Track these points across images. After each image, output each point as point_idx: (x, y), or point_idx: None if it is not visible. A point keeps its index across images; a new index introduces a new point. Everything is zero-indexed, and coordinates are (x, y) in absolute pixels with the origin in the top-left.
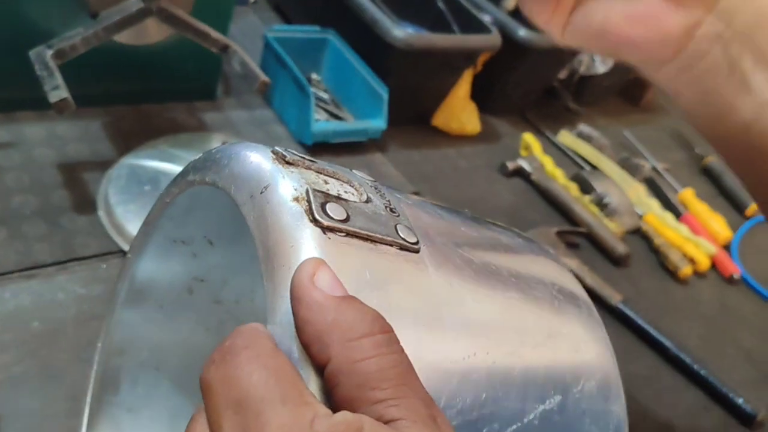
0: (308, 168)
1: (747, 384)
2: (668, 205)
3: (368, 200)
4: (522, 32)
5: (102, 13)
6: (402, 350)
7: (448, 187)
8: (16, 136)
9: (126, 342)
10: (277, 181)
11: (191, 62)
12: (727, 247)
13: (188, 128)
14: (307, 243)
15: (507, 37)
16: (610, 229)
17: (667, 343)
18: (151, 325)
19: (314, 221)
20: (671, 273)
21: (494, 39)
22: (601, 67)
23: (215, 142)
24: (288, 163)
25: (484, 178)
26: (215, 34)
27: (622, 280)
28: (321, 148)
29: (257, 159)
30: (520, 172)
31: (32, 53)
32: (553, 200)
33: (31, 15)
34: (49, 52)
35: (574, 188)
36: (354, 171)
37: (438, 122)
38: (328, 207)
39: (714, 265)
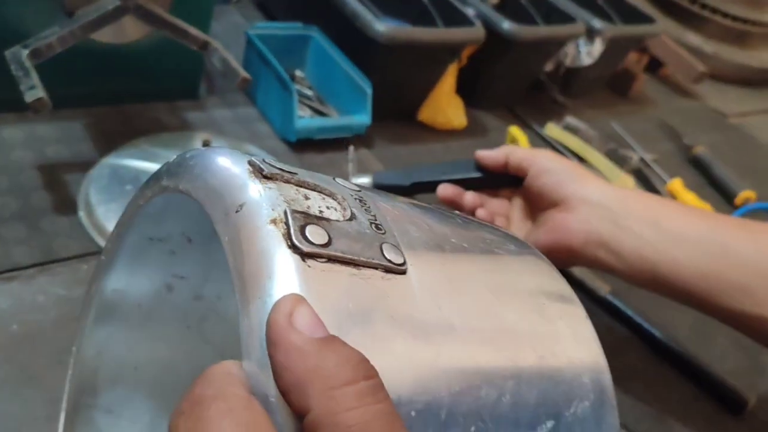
0: (287, 182)
1: (738, 372)
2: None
3: (352, 217)
4: (506, 25)
5: (78, 11)
6: (387, 398)
7: None
8: None
9: (102, 343)
10: (253, 199)
11: (173, 61)
12: None
13: (171, 128)
14: (284, 274)
15: (491, 30)
16: None
17: (657, 334)
18: (129, 325)
19: (292, 247)
20: None
21: (478, 32)
22: (587, 59)
23: (197, 140)
24: (266, 177)
25: None
26: (194, 31)
27: None
28: (305, 145)
29: (232, 172)
30: None
31: (8, 53)
32: None
33: (4, 15)
34: (25, 52)
35: None
36: (337, 180)
37: (424, 117)
38: (308, 230)
39: None
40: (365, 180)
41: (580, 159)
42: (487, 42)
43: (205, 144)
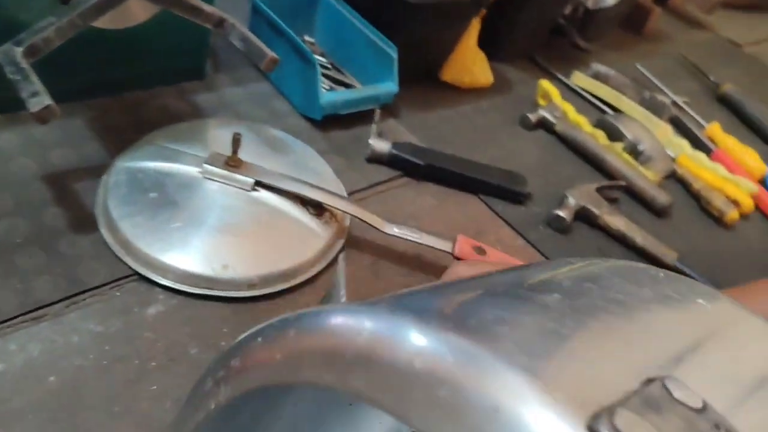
0: None
1: None
2: (697, 142)
3: None
4: None
5: None
6: None
7: (471, 147)
8: None
9: None
10: None
11: (175, 40)
12: (762, 182)
13: (181, 115)
14: None
15: None
16: (648, 178)
17: None
18: None
19: None
20: (715, 218)
21: None
22: None
23: (214, 129)
24: None
25: (507, 134)
26: (208, 7)
27: (667, 232)
28: (330, 122)
29: None
30: (542, 124)
31: None
32: (582, 151)
33: None
34: (20, 50)
35: (601, 136)
36: None
37: (448, 77)
38: None
39: (756, 206)
40: (386, 145)
41: (614, 109)
42: None
43: (236, 138)
